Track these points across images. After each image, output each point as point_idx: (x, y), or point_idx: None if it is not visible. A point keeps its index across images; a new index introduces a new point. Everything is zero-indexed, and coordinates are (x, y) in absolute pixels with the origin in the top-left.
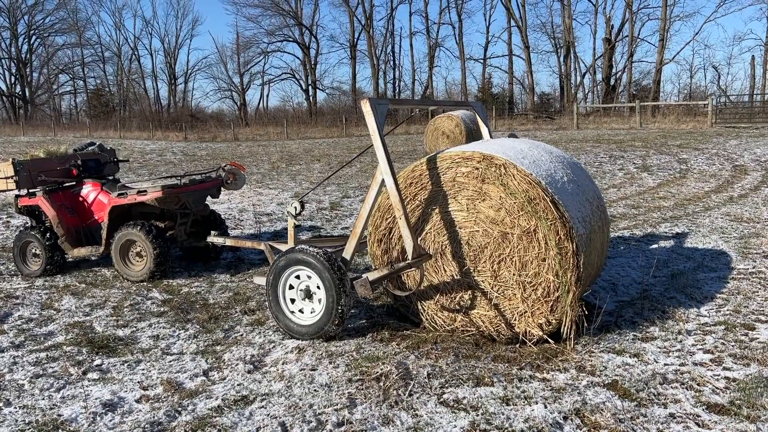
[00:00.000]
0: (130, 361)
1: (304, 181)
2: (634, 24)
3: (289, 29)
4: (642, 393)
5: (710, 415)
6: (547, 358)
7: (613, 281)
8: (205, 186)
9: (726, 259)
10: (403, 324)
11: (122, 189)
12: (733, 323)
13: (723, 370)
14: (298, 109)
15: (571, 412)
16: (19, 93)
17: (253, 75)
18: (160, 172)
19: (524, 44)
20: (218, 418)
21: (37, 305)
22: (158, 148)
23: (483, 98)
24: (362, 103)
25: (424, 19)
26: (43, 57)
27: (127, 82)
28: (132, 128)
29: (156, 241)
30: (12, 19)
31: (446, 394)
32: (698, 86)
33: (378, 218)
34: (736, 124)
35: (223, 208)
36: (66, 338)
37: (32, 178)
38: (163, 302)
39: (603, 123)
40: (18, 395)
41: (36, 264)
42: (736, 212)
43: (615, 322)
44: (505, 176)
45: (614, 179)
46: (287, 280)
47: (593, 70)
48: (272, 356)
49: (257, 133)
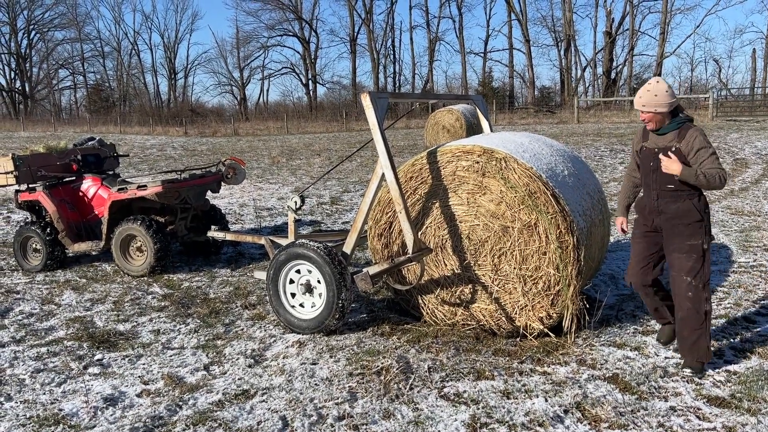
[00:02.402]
0: (131, 356)
1: (305, 175)
2: (635, 17)
3: (288, 23)
4: (643, 386)
5: (711, 408)
6: (548, 351)
7: (613, 274)
8: (206, 181)
9: (727, 252)
10: (404, 318)
11: (122, 184)
12: (734, 316)
13: (724, 363)
14: (298, 104)
15: (572, 405)
16: (18, 88)
17: (253, 69)
18: (160, 167)
19: (525, 38)
20: (219, 412)
21: (38, 300)
22: (158, 143)
23: (483, 92)
24: (362, 96)
25: (424, 12)
26: (43, 52)
27: (127, 77)
28: (132, 123)
29: (156, 236)
30: (11, 14)
31: (447, 388)
32: (699, 79)
33: (378, 212)
34: (737, 117)
35: (223, 203)
36: (67, 333)
37: (32, 174)
38: (163, 297)
39: (604, 117)
40: (19, 390)
41: (36, 259)
42: (737, 205)
43: (616, 315)
44: (506, 170)
45: (615, 173)
46: (288, 274)
47: (594, 64)
48: (273, 350)
49: (257, 128)
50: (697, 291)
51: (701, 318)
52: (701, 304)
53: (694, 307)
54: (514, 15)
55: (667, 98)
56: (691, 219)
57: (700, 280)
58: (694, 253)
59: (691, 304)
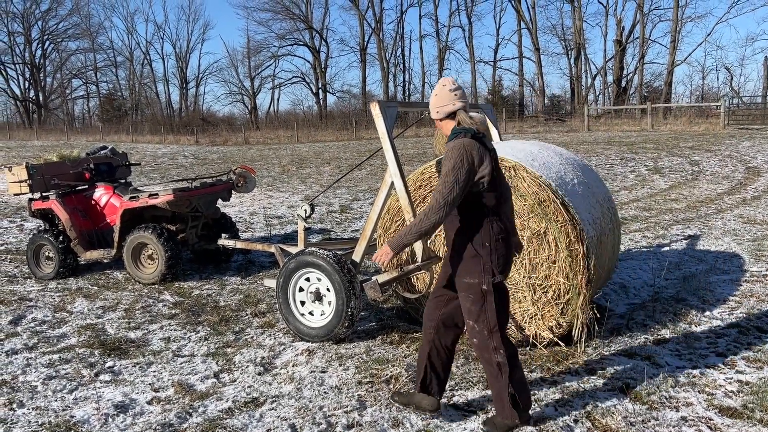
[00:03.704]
0: (141, 363)
1: (314, 184)
2: (645, 25)
3: (299, 33)
4: (653, 396)
5: (723, 419)
6: (558, 360)
7: (624, 284)
8: (216, 189)
9: (739, 261)
10: (413, 326)
11: (134, 192)
12: (746, 326)
13: (736, 373)
14: (308, 113)
15: (582, 414)
16: (32, 98)
17: (263, 79)
18: (171, 175)
19: (534, 46)
20: (229, 420)
21: (50, 308)
22: (170, 151)
23: (493, 100)
24: (372, 105)
25: (434, 22)
26: (57, 62)
27: (139, 86)
28: (144, 132)
29: (167, 244)
30: (26, 24)
31: (456, 397)
32: (710, 88)
33: (387, 221)
34: (749, 125)
35: (233, 211)
36: (78, 340)
37: (46, 182)
38: (174, 304)
39: (614, 125)
40: (31, 396)
41: (49, 267)
42: (749, 214)
43: (626, 324)
44: (515, 178)
45: (625, 181)
46: (297, 282)
47: (604, 72)
48: (282, 358)
49: (268, 137)
50: (482, 338)
51: (495, 370)
52: (490, 355)
53: (482, 357)
54: (523, 24)
55: (434, 102)
56: (466, 253)
57: (484, 326)
58: (471, 294)
59: (479, 353)
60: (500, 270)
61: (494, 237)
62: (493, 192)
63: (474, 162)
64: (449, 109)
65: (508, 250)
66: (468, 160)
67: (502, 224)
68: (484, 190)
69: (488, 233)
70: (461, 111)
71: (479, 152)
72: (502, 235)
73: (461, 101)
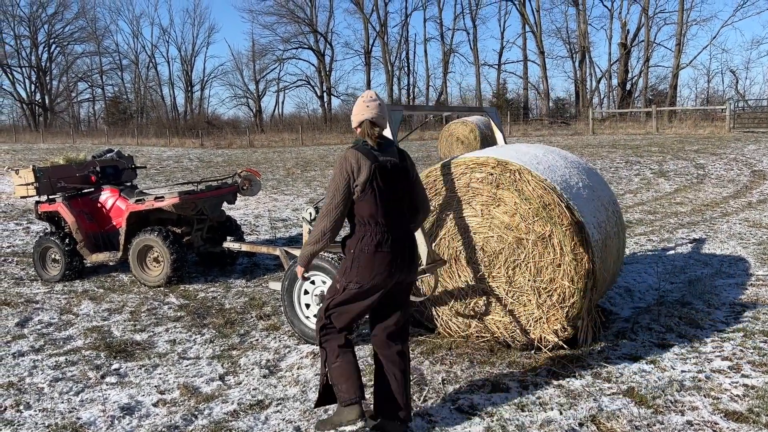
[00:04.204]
0: (147, 366)
1: (319, 187)
2: (650, 29)
3: (304, 36)
4: (659, 400)
5: (728, 423)
6: (563, 364)
7: (629, 287)
8: (221, 192)
9: (744, 265)
10: (418, 330)
11: (140, 195)
12: (752, 330)
13: (741, 377)
14: (313, 116)
15: (587, 418)
16: (38, 101)
17: (268, 82)
18: (176, 178)
19: (539, 50)
20: (234, 422)
21: (57, 310)
22: (175, 154)
23: (498, 104)
24: None
25: (439, 25)
26: (63, 65)
27: (145, 89)
28: (149, 135)
29: (173, 247)
30: (32, 28)
31: (461, 400)
32: (716, 91)
33: None
34: (755, 128)
35: (238, 214)
36: (85, 342)
37: (52, 185)
38: (179, 307)
39: (619, 128)
40: (38, 398)
41: (55, 269)
42: (755, 218)
43: (631, 328)
44: (520, 182)
45: (630, 185)
46: (302, 285)
47: (609, 75)
48: (287, 361)
49: (272, 140)
50: (318, 321)
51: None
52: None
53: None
54: (528, 27)
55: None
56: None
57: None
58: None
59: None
60: (358, 281)
61: (360, 246)
62: (371, 202)
63: (353, 171)
64: (359, 118)
65: (374, 264)
66: (347, 169)
67: (380, 236)
68: (359, 199)
69: (356, 241)
70: (366, 121)
71: (358, 162)
72: (369, 248)
73: (371, 112)
